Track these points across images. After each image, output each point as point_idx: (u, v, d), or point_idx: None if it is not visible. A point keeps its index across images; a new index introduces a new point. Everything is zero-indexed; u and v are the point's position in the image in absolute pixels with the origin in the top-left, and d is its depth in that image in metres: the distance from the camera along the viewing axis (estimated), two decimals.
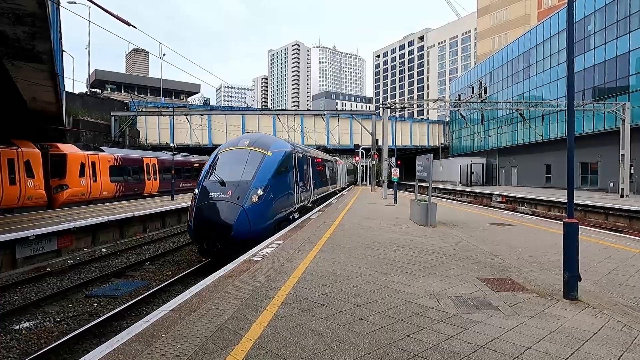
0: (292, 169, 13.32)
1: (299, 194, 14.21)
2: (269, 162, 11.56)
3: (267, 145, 12.19)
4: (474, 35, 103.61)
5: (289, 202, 12.83)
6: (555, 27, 36.81)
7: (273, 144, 12.54)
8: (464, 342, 3.88)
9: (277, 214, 11.59)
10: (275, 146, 12.51)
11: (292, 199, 13.14)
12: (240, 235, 9.87)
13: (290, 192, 13.03)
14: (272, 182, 11.15)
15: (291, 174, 13.17)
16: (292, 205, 13.19)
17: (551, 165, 38.47)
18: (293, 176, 13.39)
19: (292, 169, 13.23)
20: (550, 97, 36.78)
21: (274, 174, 11.43)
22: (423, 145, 57.99)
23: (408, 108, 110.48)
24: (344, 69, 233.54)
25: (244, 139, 12.48)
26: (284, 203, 12.36)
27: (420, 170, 13.68)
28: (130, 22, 10.19)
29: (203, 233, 10.19)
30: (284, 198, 12.35)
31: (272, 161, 11.70)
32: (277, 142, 13.13)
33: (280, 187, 11.87)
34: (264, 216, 10.67)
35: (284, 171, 12.44)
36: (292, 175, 13.22)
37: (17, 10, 8.53)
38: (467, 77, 58.71)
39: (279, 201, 11.72)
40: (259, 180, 10.85)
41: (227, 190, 10.39)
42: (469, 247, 8.85)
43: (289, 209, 13.00)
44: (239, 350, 3.67)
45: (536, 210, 26.34)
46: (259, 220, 10.41)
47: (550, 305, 5.01)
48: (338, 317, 4.51)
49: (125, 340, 3.88)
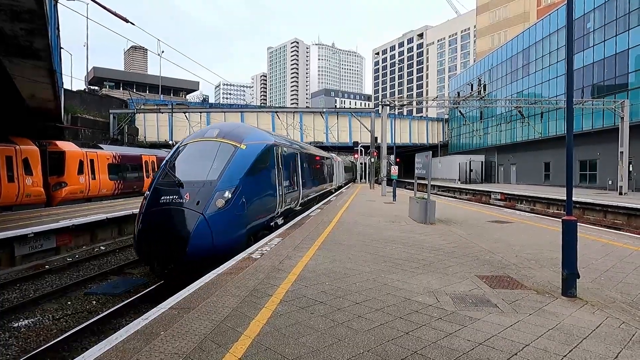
0: (275, 165, 11.35)
1: (284, 195, 12.13)
2: (243, 156, 9.54)
3: (240, 137, 10.12)
4: (473, 32, 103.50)
5: (269, 205, 10.82)
6: (555, 24, 36.78)
7: (249, 135, 10.51)
8: (462, 339, 3.88)
9: (251, 221, 9.44)
10: (251, 137, 10.49)
11: (273, 202, 11.08)
12: (198, 251, 7.73)
13: (271, 193, 10.97)
14: (246, 182, 9.14)
15: (273, 171, 11.18)
16: (273, 209, 11.13)
17: (550, 163, 38.52)
18: (275, 174, 11.34)
19: (274, 165, 11.27)
20: (549, 95, 36.79)
21: (249, 172, 9.42)
22: (422, 143, 58.01)
23: (407, 106, 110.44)
24: (343, 66, 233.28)
25: (213, 129, 10.46)
26: (262, 207, 10.34)
27: (419, 167, 13.69)
28: (128, 19, 10.16)
29: (151, 249, 8.06)
30: (262, 201, 10.36)
31: (247, 156, 9.69)
32: (254, 133, 11.11)
33: (256, 187, 9.88)
34: (233, 225, 8.55)
35: (263, 168, 10.47)
36: (274, 173, 11.23)
37: (15, 7, 8.49)
38: (466, 75, 58.68)
39: (255, 205, 9.68)
40: (228, 179, 8.78)
41: (185, 194, 8.28)
42: (467, 245, 8.85)
43: (269, 214, 10.93)
44: (237, 347, 3.67)
45: (535, 207, 26.38)
46: (226, 231, 8.27)
47: (549, 302, 5.02)
48: (337, 315, 4.52)
49: (123, 337, 3.88)
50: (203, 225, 7.88)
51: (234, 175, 8.98)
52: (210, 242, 7.85)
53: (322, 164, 24.43)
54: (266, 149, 10.78)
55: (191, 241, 7.68)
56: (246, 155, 9.66)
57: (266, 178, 10.69)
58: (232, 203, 8.49)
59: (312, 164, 19.78)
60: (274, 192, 11.12)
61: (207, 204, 8.15)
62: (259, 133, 11.67)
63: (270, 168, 10.99)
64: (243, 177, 9.10)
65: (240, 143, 9.80)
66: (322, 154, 26.06)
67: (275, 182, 11.24)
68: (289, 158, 13.52)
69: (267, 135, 12.05)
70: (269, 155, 10.99)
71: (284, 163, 12.36)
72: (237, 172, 9.09)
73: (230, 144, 9.70)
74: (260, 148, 10.47)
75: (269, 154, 11.01)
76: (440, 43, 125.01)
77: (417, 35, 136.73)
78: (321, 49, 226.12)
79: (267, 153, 10.81)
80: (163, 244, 7.79)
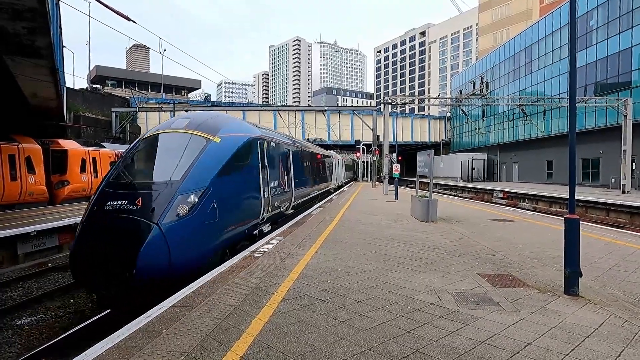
0: (259, 162, 9.64)
1: (271, 198, 10.34)
2: (216, 152, 7.87)
3: (215, 128, 8.43)
4: (475, 30, 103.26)
5: (250, 211, 9.10)
6: (558, 22, 36.63)
7: (226, 127, 8.77)
8: (464, 337, 3.88)
9: (226, 231, 7.70)
10: (229, 129, 8.79)
11: (256, 207, 9.36)
12: (149, 273, 5.92)
13: (254, 196, 9.26)
14: (219, 183, 7.50)
15: (257, 170, 9.48)
16: (256, 215, 9.41)
17: (552, 161, 38.40)
18: (260, 173, 9.58)
19: (258, 162, 9.58)
20: (552, 93, 36.66)
21: (224, 170, 7.74)
22: (424, 141, 57.91)
23: (409, 104, 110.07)
24: (345, 64, 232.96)
25: (183, 119, 8.76)
26: (242, 213, 8.65)
27: (421, 166, 13.66)
28: (130, 17, 10.16)
29: (89, 271, 6.16)
30: (242, 206, 8.69)
31: (222, 151, 8.03)
32: (233, 124, 9.31)
33: (234, 189, 8.22)
34: (199, 238, 6.83)
35: (244, 166, 8.85)
36: (258, 172, 9.49)
37: (16, 6, 8.50)
38: (468, 73, 58.52)
39: (232, 211, 8.01)
40: (195, 179, 7.08)
41: (137, 198, 6.57)
42: (469, 243, 8.84)
43: (252, 221, 9.17)
44: (239, 345, 3.67)
45: (537, 206, 26.32)
46: (189, 244, 6.56)
47: (551, 301, 5.01)
48: (339, 313, 4.51)
49: (126, 335, 3.88)
50: (157, 238, 6.12)
51: (203, 174, 7.28)
52: (166, 260, 6.08)
53: (320, 162, 22.43)
54: (247, 144, 9.13)
55: (140, 260, 5.85)
56: (221, 150, 8.01)
57: (247, 177, 9.02)
58: (198, 209, 6.79)
59: (307, 162, 17.78)
60: (257, 194, 9.39)
61: (165, 210, 6.40)
62: (240, 124, 9.93)
63: (253, 166, 9.34)
64: (215, 176, 7.43)
65: (214, 135, 8.13)
66: (319, 151, 23.83)
67: (259, 183, 9.50)
68: (279, 155, 11.95)
69: (251, 127, 10.37)
70: (252, 151, 9.36)
71: (271, 160, 10.74)
72: (207, 171, 7.40)
73: (201, 136, 8.03)
74: (240, 142, 8.80)
75: (252, 149, 9.37)
76: (443, 41, 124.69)
77: (419, 33, 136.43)
78: (323, 47, 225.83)
79: (248, 148, 9.17)
80: (104, 265, 6.00)
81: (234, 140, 8.61)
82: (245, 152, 8.93)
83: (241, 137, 8.97)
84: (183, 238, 6.45)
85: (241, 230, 8.57)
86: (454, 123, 60.18)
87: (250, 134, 9.48)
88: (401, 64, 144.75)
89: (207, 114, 9.64)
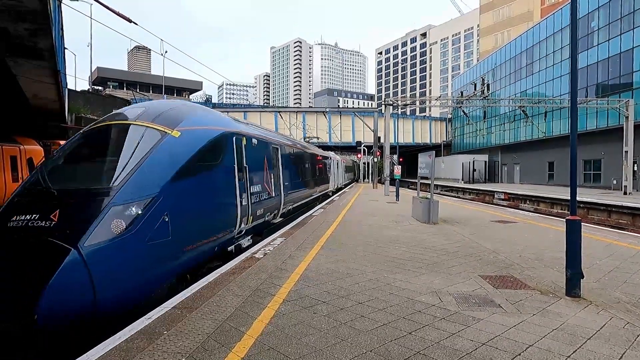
0: (235, 163, 7.84)
1: (251, 206, 8.54)
2: (173, 149, 6.16)
3: (175, 120, 6.68)
4: (476, 32, 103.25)
5: (221, 223, 7.36)
6: (559, 23, 36.62)
7: (190, 118, 7.03)
8: (465, 339, 3.87)
9: (185, 252, 5.99)
10: (193, 121, 7.04)
11: (230, 217, 7.59)
12: (60, 315, 4.27)
13: (227, 204, 7.53)
14: (175, 189, 5.82)
15: (232, 172, 7.70)
16: (230, 227, 7.62)
17: (554, 163, 38.36)
18: (235, 176, 7.78)
19: (233, 163, 7.80)
20: (553, 94, 36.64)
21: (182, 173, 6.02)
22: (425, 143, 57.93)
23: (410, 105, 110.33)
24: (346, 66, 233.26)
25: (137, 108, 7.06)
26: (208, 227, 6.84)
27: (422, 167, 13.65)
28: (131, 19, 10.18)
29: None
30: (209, 217, 6.88)
31: (181, 147, 6.31)
32: (200, 116, 7.54)
33: (197, 196, 6.42)
34: (142, 264, 5.14)
35: (213, 167, 7.07)
36: (232, 175, 7.71)
37: (19, 7, 8.52)
38: (469, 74, 58.53)
39: (193, 225, 6.22)
40: (138, 185, 5.39)
41: (53, 212, 4.83)
42: (471, 245, 8.83)
43: (224, 235, 7.40)
44: (240, 347, 3.67)
45: (539, 207, 26.28)
46: (126, 274, 4.89)
47: (553, 302, 5.00)
48: (340, 314, 4.51)
49: (127, 337, 3.89)
50: (74, 266, 4.37)
51: (152, 178, 5.57)
52: (89, 296, 4.42)
53: (316, 163, 20.17)
54: (218, 139, 7.36)
55: (45, 298, 4.11)
56: (180, 147, 6.27)
57: (217, 182, 7.24)
58: (141, 225, 5.09)
59: (300, 163, 15.72)
60: (231, 201, 7.60)
61: (90, 228, 4.67)
62: (211, 116, 8.02)
63: (226, 167, 7.57)
64: (170, 181, 5.72)
65: (172, 128, 6.38)
66: (315, 151, 21.56)
67: (234, 188, 7.70)
68: (264, 154, 10.08)
69: (227, 120, 8.63)
70: (225, 149, 7.57)
71: (253, 160, 8.98)
72: (158, 174, 5.68)
73: (156, 129, 6.25)
74: (208, 137, 7.03)
75: (224, 146, 7.59)
76: (444, 42, 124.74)
77: (421, 34, 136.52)
78: (324, 49, 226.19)
79: (220, 145, 7.39)
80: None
81: (199, 134, 6.83)
82: (214, 149, 7.15)
83: (210, 132, 7.18)
84: (116, 265, 4.74)
85: (207, 248, 6.75)
86: (455, 124, 60.18)
87: (223, 128, 7.74)
88: (402, 66, 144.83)
89: (171, 103, 7.58)
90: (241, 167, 8.15)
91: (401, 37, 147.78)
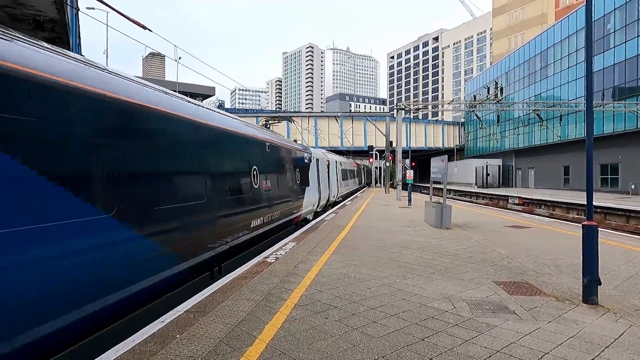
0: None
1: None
2: None
3: None
4: (489, 35, 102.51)
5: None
6: (574, 26, 36.16)
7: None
8: (479, 346, 3.82)
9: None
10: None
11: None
12: None
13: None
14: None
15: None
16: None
17: (569, 167, 37.74)
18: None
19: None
20: (569, 97, 36.13)
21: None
22: (438, 147, 57.59)
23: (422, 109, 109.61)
24: (357, 70, 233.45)
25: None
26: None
27: (435, 172, 13.56)
28: (146, 26, 10.34)
29: None
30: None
31: None
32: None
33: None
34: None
35: None
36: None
37: (38, 17, 8.75)
38: (482, 78, 58.06)
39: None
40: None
41: None
42: (484, 250, 8.72)
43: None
44: (252, 352, 3.67)
45: (554, 212, 25.84)
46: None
47: (569, 309, 4.90)
48: (351, 320, 4.49)
49: (140, 340, 3.92)
50: None
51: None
52: None
53: (283, 163, 11.64)
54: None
55: None
56: None
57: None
58: None
59: (235, 161, 8.03)
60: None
61: None
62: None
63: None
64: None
65: None
66: (278, 141, 11.60)
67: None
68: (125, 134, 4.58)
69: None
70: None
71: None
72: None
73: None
74: None
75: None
76: (456, 46, 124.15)
77: (433, 38, 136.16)
78: (336, 54, 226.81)
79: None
80: None
81: None
82: None
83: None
84: None
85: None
86: (468, 128, 59.68)
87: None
88: (414, 70, 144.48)
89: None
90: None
91: (413, 41, 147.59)
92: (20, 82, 3.21)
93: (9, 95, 3.12)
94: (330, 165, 22.00)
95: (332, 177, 22.47)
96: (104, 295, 4.01)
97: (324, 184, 19.39)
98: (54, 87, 3.56)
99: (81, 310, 3.70)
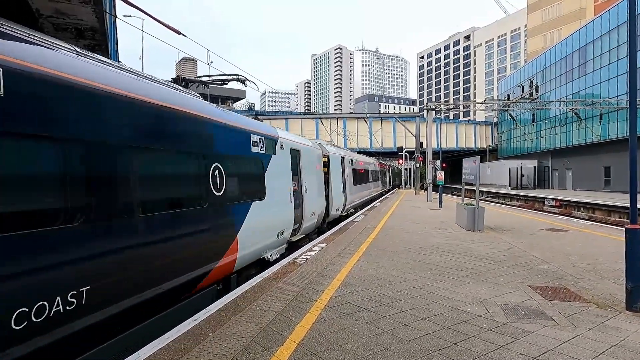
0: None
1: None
2: None
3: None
4: (523, 32, 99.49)
5: None
6: (615, 20, 34.59)
7: None
8: (515, 352, 3.71)
9: None
10: None
11: None
12: None
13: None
14: None
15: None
16: None
17: (610, 168, 36.06)
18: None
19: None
20: (610, 95, 34.55)
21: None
22: (469, 148, 56.29)
23: (453, 109, 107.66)
24: (387, 71, 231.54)
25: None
26: None
27: (466, 173, 13.28)
28: (180, 31, 10.64)
29: None
30: None
31: None
32: None
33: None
34: None
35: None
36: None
37: (79, 25, 9.17)
38: (516, 76, 56.37)
39: None
40: None
41: None
42: (519, 254, 8.46)
43: None
44: (282, 351, 3.71)
45: (594, 215, 24.75)
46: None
47: (611, 317, 4.69)
48: (382, 322, 4.46)
49: (174, 337, 4.03)
50: None
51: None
52: None
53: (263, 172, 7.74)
54: None
55: None
56: None
57: None
58: None
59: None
60: None
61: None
62: None
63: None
64: None
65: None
66: (242, 122, 7.57)
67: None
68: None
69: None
70: None
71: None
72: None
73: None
74: None
75: None
76: (489, 44, 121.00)
77: (464, 37, 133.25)
78: (365, 55, 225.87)
79: None
80: None
81: None
82: None
83: None
84: None
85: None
86: (502, 128, 58.05)
87: None
88: (445, 69, 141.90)
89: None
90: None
91: (444, 41, 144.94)
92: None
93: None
94: (340, 163, 15.61)
95: (339, 179, 15.25)
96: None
97: (334, 193, 13.89)
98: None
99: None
